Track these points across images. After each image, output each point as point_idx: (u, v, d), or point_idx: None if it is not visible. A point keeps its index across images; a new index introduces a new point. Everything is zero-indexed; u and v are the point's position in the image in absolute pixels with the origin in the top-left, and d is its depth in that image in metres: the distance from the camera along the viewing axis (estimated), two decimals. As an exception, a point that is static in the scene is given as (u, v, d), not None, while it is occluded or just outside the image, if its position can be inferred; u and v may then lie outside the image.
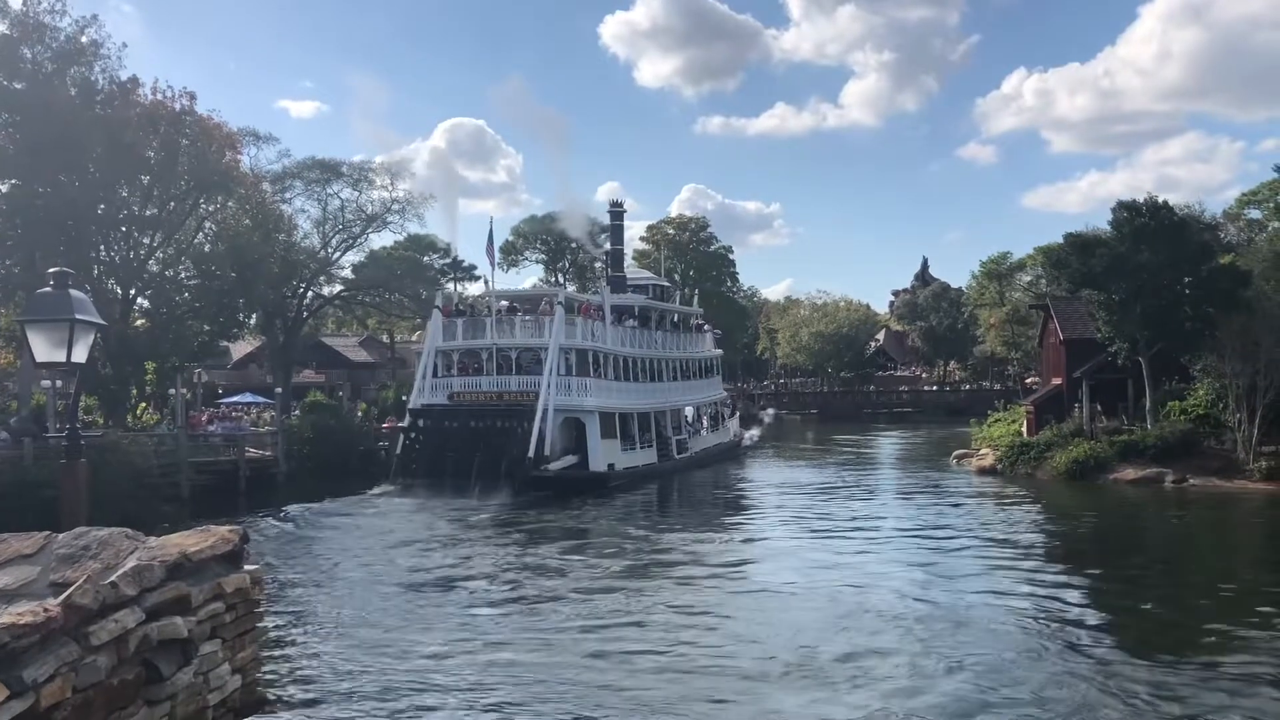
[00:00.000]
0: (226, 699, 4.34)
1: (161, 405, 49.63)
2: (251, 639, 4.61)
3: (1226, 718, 12.63)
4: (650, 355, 48.37)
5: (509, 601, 19.92)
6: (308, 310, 65.25)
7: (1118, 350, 40.43)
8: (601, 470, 40.09)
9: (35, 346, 9.54)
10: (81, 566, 4.06)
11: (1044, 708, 12.98)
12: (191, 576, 4.13)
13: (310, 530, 30.37)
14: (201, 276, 46.79)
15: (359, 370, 79.73)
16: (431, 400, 41.64)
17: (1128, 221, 39.63)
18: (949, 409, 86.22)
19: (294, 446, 42.19)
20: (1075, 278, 41.01)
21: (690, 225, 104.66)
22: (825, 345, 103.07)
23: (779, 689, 13.92)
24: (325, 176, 60.91)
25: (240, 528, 4.58)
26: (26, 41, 39.23)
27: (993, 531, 28.54)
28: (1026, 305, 76.75)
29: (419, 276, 72.03)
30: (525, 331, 42.48)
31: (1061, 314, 47.09)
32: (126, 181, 42.71)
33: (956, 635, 16.56)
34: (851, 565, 23.17)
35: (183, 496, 34.82)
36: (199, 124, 43.97)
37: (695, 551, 25.55)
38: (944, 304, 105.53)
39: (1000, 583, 21.33)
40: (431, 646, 16.27)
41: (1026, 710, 12.93)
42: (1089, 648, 15.91)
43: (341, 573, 23.58)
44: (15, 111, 38.75)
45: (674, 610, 18.77)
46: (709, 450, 52.32)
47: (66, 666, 3.24)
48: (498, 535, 29.21)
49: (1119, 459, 38.45)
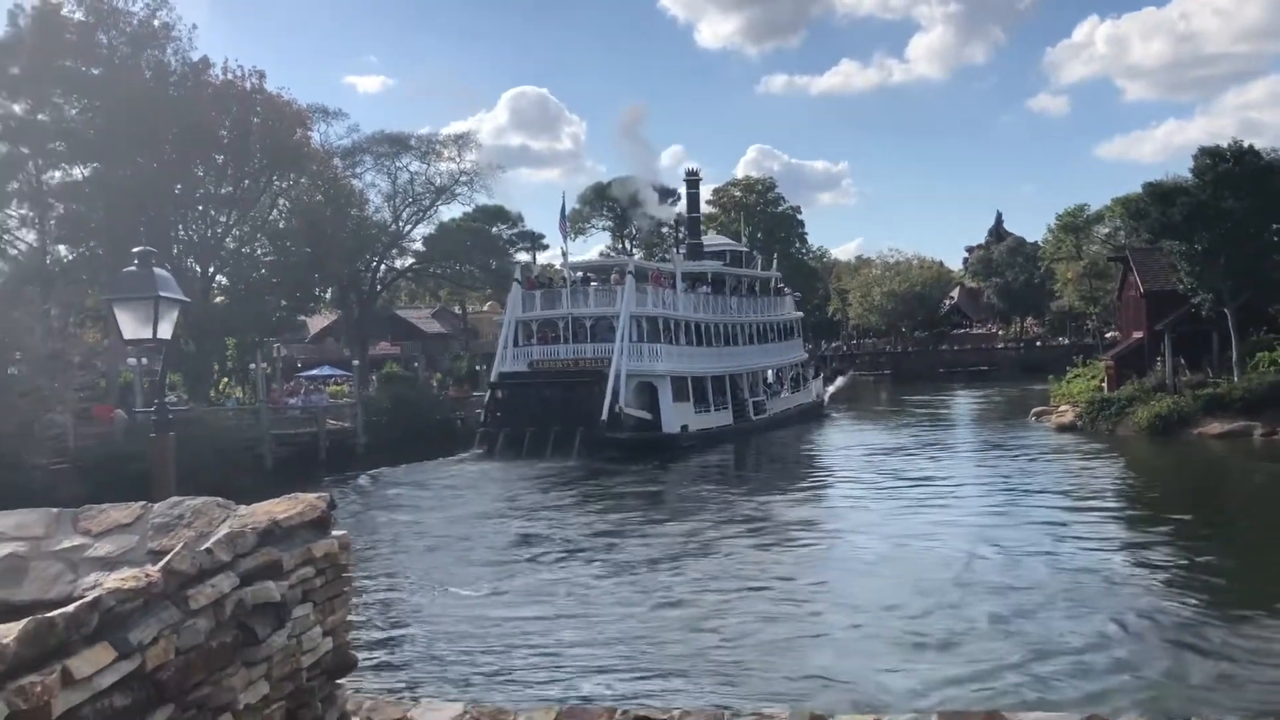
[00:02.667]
0: (319, 661, 4.44)
1: (242, 380, 50.75)
2: (341, 603, 4.71)
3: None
4: (724, 320, 49.06)
5: (589, 563, 20.11)
6: (381, 283, 66.02)
7: (1201, 301, 39.35)
8: (674, 431, 40.93)
9: (122, 324, 9.81)
10: (177, 534, 4.17)
11: (1137, 672, 12.79)
12: (282, 542, 4.22)
13: (391, 497, 31.05)
14: (277, 252, 47.70)
15: (433, 341, 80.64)
16: (513, 368, 42.85)
17: (1210, 168, 38.44)
18: (1025, 366, 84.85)
19: (372, 418, 42.93)
20: (1155, 228, 40.00)
21: (757, 187, 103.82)
22: (898, 304, 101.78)
23: (868, 656, 13.84)
24: (394, 150, 61.29)
25: (327, 494, 4.67)
26: (102, 27, 40.12)
27: (1075, 489, 28.11)
28: (1105, 258, 74.86)
29: (488, 247, 72.50)
30: (598, 300, 43.40)
31: (1141, 266, 45.88)
32: (202, 161, 43.58)
33: (1045, 598, 16.32)
34: (932, 525, 22.93)
35: (266, 468, 35.65)
36: (269, 102, 44.65)
37: (772, 513, 25.51)
38: (1019, 259, 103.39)
39: (1086, 540, 20.99)
40: (509, 608, 16.53)
41: (1120, 675, 12.75)
42: (1179, 608, 15.59)
43: (423, 536, 24.05)
44: (94, 96, 39.69)
45: (761, 574, 18.75)
46: (789, 411, 52.74)
47: (169, 629, 3.34)
48: (573, 497, 29.65)
49: (1204, 413, 37.45)
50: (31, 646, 2.93)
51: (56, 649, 3.02)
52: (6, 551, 4.32)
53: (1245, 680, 12.26)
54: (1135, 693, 12.01)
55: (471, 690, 12.33)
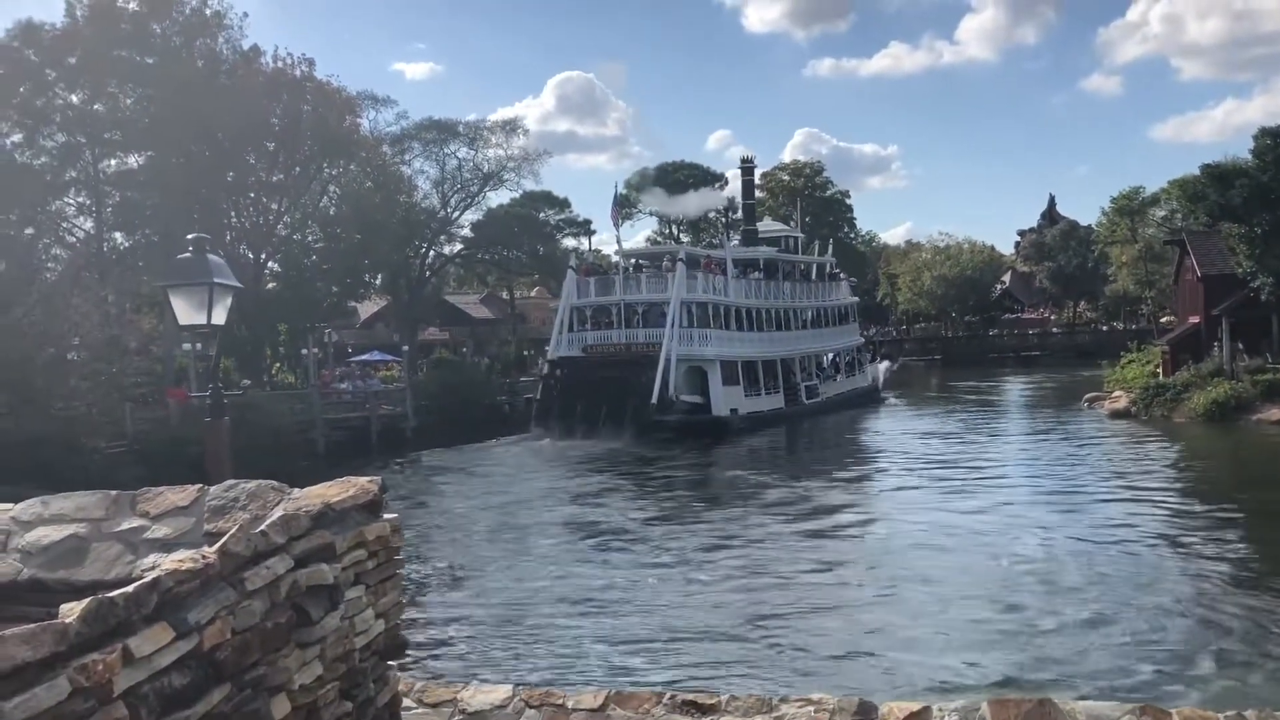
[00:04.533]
0: (371, 643, 4.49)
1: (295, 365, 51.40)
2: (393, 585, 4.75)
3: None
4: (776, 305, 49.80)
5: (636, 546, 20.16)
6: (430, 269, 66.45)
7: (1261, 285, 38.56)
8: (723, 415, 41.58)
9: (177, 310, 9.94)
10: (232, 516, 4.23)
11: (1191, 663, 12.63)
12: (335, 525, 4.27)
13: (441, 479, 31.49)
14: (327, 239, 48.18)
15: (481, 326, 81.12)
16: (568, 353, 44.07)
17: (1271, 149, 37.65)
18: (1079, 351, 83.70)
19: (421, 402, 43.35)
20: (1213, 210, 39.32)
21: (805, 170, 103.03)
22: (948, 289, 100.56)
23: (917, 644, 13.79)
24: (442, 137, 61.55)
25: (379, 478, 4.72)
26: (155, 17, 40.65)
27: (1129, 476, 27.69)
28: (1161, 241, 73.39)
29: (536, 233, 72.75)
30: (650, 287, 44.54)
31: (1199, 249, 45.00)
32: (253, 149, 44.13)
33: (1099, 587, 16.14)
34: (983, 513, 22.71)
35: (318, 451, 36.18)
36: (319, 90, 45.07)
37: (818, 498, 25.41)
38: (1073, 243, 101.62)
39: (1140, 529, 20.67)
40: (558, 592, 16.62)
41: (1174, 666, 12.59)
42: (1235, 599, 15.34)
43: (472, 519, 24.26)
44: (148, 86, 40.26)
45: (807, 560, 18.71)
46: (843, 395, 53.14)
47: (225, 610, 3.39)
48: (621, 480, 29.92)
49: (1263, 399, 36.73)
50: (93, 626, 2.98)
51: (117, 628, 3.08)
52: (68, 533, 4.41)
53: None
54: (1190, 683, 11.83)
55: (520, 673, 12.43)
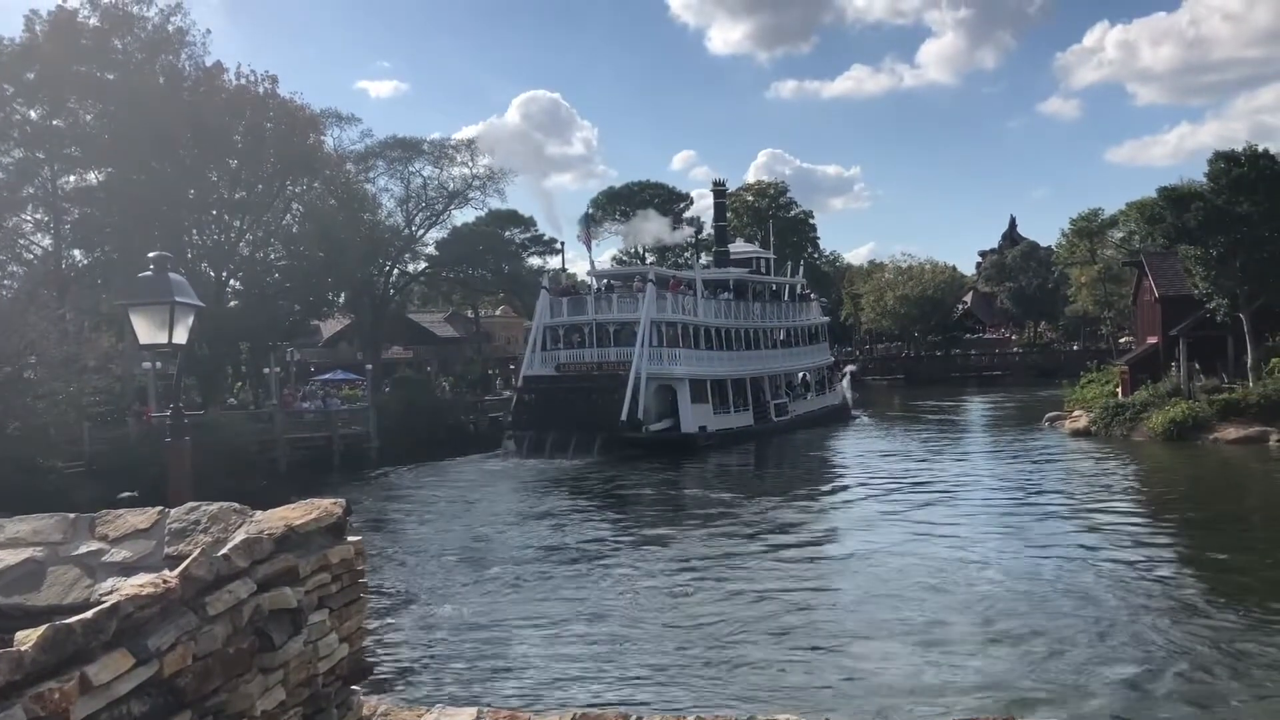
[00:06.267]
0: (335, 667, 4.43)
1: (256, 384, 50.89)
2: (357, 608, 4.70)
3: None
4: (746, 325, 50.67)
5: (599, 565, 20.06)
6: (394, 288, 66.08)
7: (1217, 306, 39.16)
8: (692, 431, 42.23)
9: (138, 329, 9.80)
10: (194, 540, 4.17)
11: (1152, 679, 12.74)
12: (298, 548, 4.21)
13: (405, 500, 31.24)
14: (290, 257, 47.79)
15: (445, 345, 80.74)
16: (540, 371, 44.69)
17: (1225, 172, 38.27)
18: (1039, 371, 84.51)
19: (385, 421, 43.06)
20: (1170, 233, 39.82)
21: (769, 191, 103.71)
22: (911, 309, 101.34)
23: (882, 664, 13.81)
24: (407, 155, 61.30)
25: (343, 500, 4.67)
26: (116, 32, 40.25)
27: (1088, 494, 27.99)
28: (1119, 263, 74.43)
29: (501, 251, 72.58)
30: (622, 307, 45.15)
31: (1156, 271, 45.66)
32: (215, 166, 43.71)
33: (1059, 604, 16.29)
34: (949, 533, 22.79)
35: (280, 472, 35.77)
36: (282, 107, 44.77)
37: (779, 517, 25.47)
38: (1033, 264, 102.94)
39: (1101, 548, 20.88)
40: (523, 613, 16.51)
41: (1134, 682, 12.69)
42: (1193, 615, 15.52)
43: (438, 539, 24.08)
44: (108, 101, 39.82)
45: (769, 580, 18.71)
46: (812, 413, 53.73)
47: (186, 635, 3.33)
48: (586, 498, 30.14)
49: (1219, 418, 37.24)
50: (50, 653, 2.92)
51: (74, 655, 3.01)
52: (24, 557, 4.32)
53: (1260, 686, 12.19)
54: (1151, 703, 11.93)
55: (486, 695, 12.32)
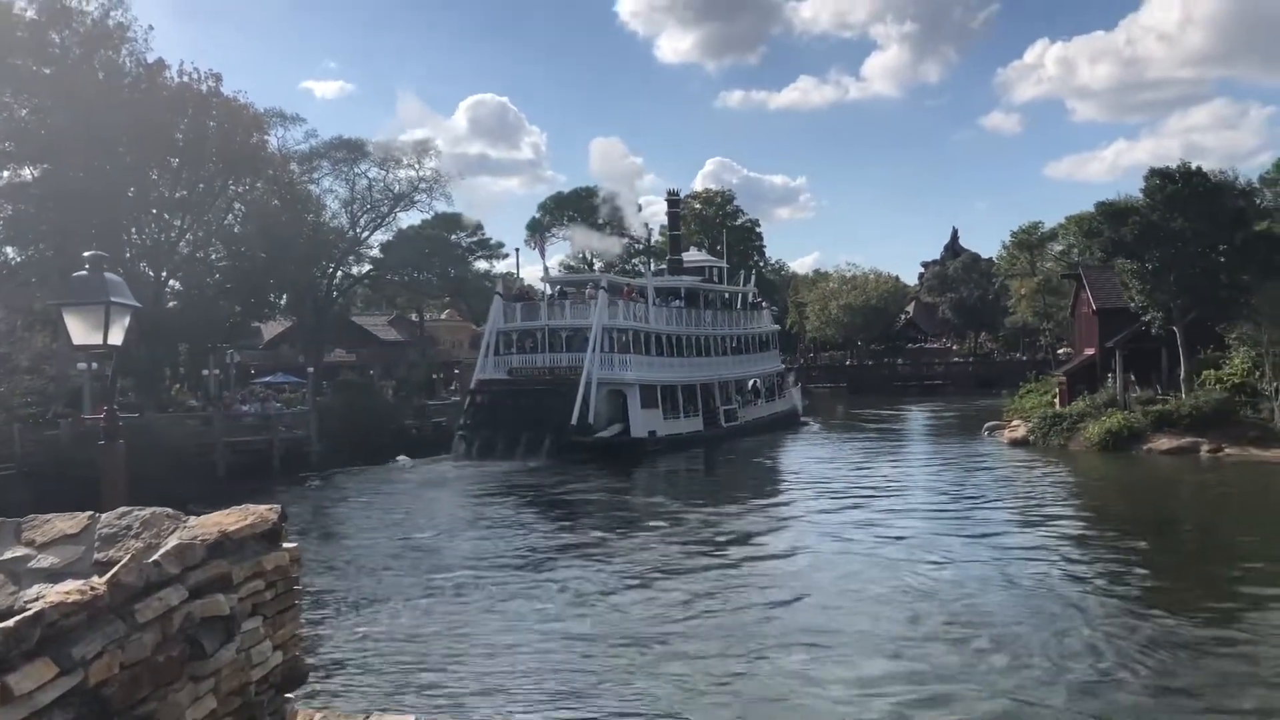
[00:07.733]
0: (269, 675, 4.37)
1: (195, 386, 50.12)
2: (291, 616, 4.64)
3: (1246, 686, 12.57)
4: (695, 333, 51.36)
5: (540, 573, 19.98)
6: (337, 290, 65.44)
7: (1151, 319, 39.98)
8: (641, 436, 42.77)
9: (72, 330, 9.59)
10: (124, 545, 4.09)
11: (1093, 690, 12.95)
12: (232, 555, 4.15)
13: (346, 502, 31.06)
14: (231, 257, 47.18)
15: (389, 349, 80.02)
16: (493, 375, 45.13)
17: (1160, 189, 39.07)
18: (980, 381, 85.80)
19: (327, 425, 42.59)
20: (1108, 246, 40.58)
21: (716, 199, 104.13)
22: (854, 318, 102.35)
23: (822, 679, 13.88)
24: (352, 156, 60.78)
25: (279, 506, 4.61)
26: (54, 26, 39.46)
27: (1024, 503, 28.41)
28: (1058, 275, 75.78)
29: (447, 255, 72.19)
30: (574, 313, 45.75)
31: (1094, 283, 46.55)
32: (156, 164, 43.04)
33: (1003, 613, 16.52)
34: (888, 539, 23.01)
35: (219, 475, 35.24)
36: (225, 106, 44.19)
37: (719, 524, 25.54)
38: (974, 275, 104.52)
39: (1035, 557, 21.18)
40: (462, 622, 16.41)
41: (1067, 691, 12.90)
42: (1123, 621, 15.81)
43: (377, 544, 23.81)
44: (45, 96, 39.02)
45: (715, 587, 18.76)
46: (760, 419, 54.33)
47: (114, 644, 3.27)
48: (532, 502, 30.13)
49: (1153, 429, 38.03)
50: (-30, 662, 2.86)
51: (-4, 665, 2.95)
52: (-54, 562, 4.22)
53: (1183, 688, 12.46)
54: (1091, 711, 12.13)
55: (423, 703, 12.23)
